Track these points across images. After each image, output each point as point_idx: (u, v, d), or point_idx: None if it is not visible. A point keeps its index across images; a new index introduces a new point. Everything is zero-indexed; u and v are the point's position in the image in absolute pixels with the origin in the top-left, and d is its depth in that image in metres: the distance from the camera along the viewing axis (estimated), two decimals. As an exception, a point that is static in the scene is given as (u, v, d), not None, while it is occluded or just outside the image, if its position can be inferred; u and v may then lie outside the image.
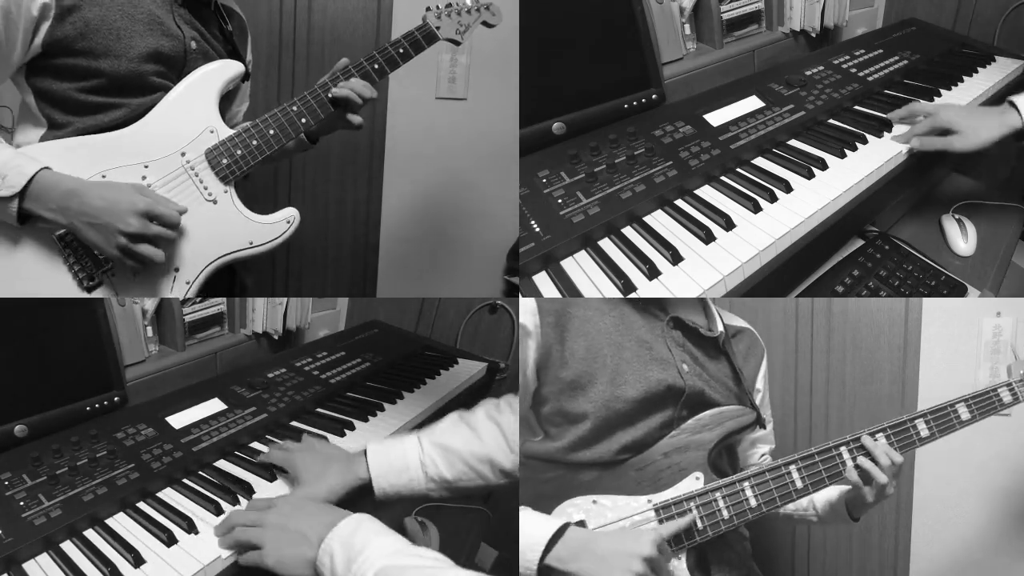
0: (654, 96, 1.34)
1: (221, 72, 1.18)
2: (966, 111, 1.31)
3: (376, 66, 1.21)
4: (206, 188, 1.13)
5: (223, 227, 1.14)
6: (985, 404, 1.04)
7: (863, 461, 0.98)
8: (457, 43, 1.28)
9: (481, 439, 1.03)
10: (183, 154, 1.13)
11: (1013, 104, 1.21)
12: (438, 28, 1.25)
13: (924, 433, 1.02)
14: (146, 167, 1.11)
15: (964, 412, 1.03)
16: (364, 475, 1.03)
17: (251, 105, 1.41)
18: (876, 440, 0.99)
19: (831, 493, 1.09)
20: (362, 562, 0.76)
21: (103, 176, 1.09)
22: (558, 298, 0.99)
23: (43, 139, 1.12)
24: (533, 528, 0.87)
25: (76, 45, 1.06)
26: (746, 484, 0.96)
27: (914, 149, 1.24)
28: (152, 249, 1.05)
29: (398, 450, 1.04)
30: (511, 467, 1.02)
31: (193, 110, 1.15)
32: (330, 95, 1.19)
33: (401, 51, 1.22)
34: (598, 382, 0.97)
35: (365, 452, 1.05)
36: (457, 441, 1.03)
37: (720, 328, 1.07)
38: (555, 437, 0.98)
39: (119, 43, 1.08)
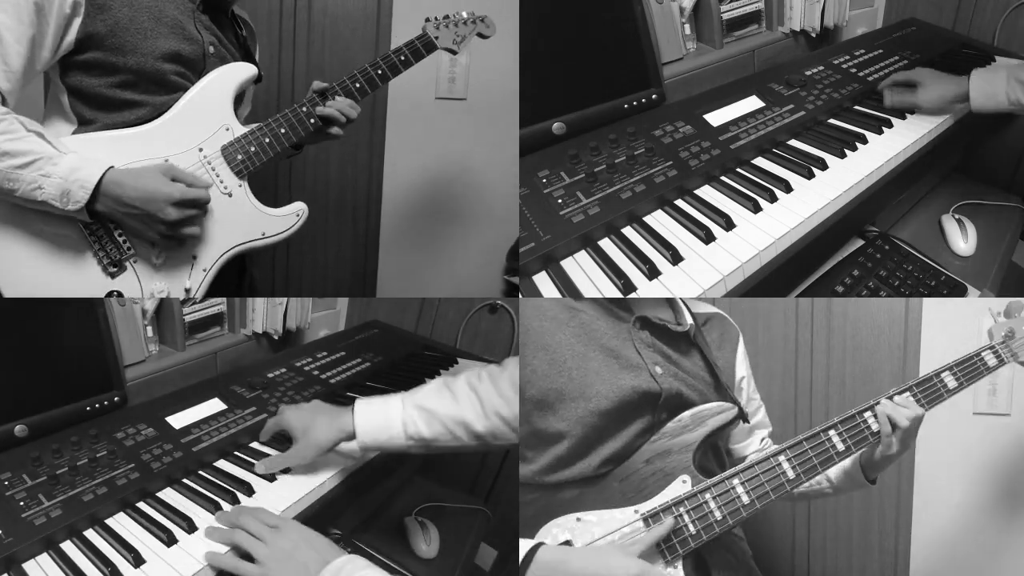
0: (654, 96, 1.34)
1: (236, 74, 1.24)
2: (934, 72, 1.40)
3: (379, 72, 1.28)
4: (222, 182, 1.20)
5: (238, 219, 1.21)
6: (970, 370, 1.02)
7: (887, 409, 0.98)
8: (454, 52, 1.35)
9: (458, 403, 1.08)
10: (200, 149, 1.19)
11: (968, 74, 1.30)
12: (436, 38, 1.32)
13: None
14: (166, 161, 1.16)
15: (951, 380, 1.02)
16: (350, 428, 1.11)
17: (252, 107, 1.43)
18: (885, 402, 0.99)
19: (844, 461, 1.04)
20: None
21: (127, 167, 1.14)
22: (524, 305, 0.98)
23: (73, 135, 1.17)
24: None
25: (107, 42, 1.13)
26: (735, 481, 0.93)
27: (886, 104, 1.38)
28: (191, 228, 1.14)
29: (382, 408, 1.12)
30: (483, 431, 1.06)
31: (210, 109, 1.21)
32: (317, 112, 1.25)
33: (402, 58, 1.29)
34: (567, 397, 0.94)
35: (352, 408, 1.12)
36: (437, 404, 1.09)
37: (689, 321, 1.05)
38: (531, 460, 0.95)
39: (145, 42, 1.15)
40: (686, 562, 0.91)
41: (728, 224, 1.06)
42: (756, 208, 1.09)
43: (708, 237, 1.04)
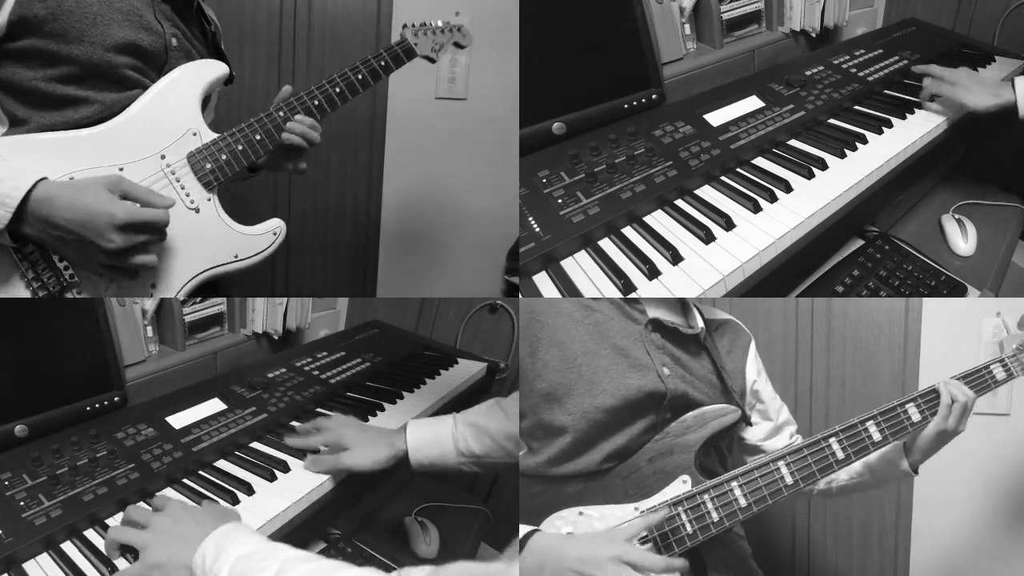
0: (654, 96, 1.34)
1: (206, 72, 1.12)
2: (975, 76, 1.37)
3: (359, 77, 1.19)
4: (188, 195, 1.06)
5: (206, 238, 1.06)
6: (979, 382, 1.03)
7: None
8: (432, 60, 1.30)
9: (510, 419, 1.07)
10: (163, 157, 1.04)
11: (1012, 83, 1.26)
12: (416, 44, 1.26)
13: (916, 418, 1.01)
14: (121, 170, 1.00)
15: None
16: (403, 447, 1.12)
17: (248, 107, 1.39)
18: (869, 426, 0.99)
19: (884, 450, 1.04)
20: (225, 557, 0.82)
21: (71, 179, 0.98)
22: (527, 304, 0.99)
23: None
24: None
25: (46, 27, 0.97)
26: (734, 484, 0.95)
27: (923, 95, 1.37)
28: (144, 257, 0.96)
29: (433, 427, 1.13)
30: None
31: (175, 110, 1.07)
32: (283, 136, 1.14)
33: (383, 64, 1.22)
34: (574, 393, 0.95)
35: (405, 428, 1.13)
36: (488, 421, 1.10)
37: (700, 324, 1.06)
38: (537, 451, 0.97)
39: (94, 29, 0.99)
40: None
41: (728, 224, 1.06)
42: (756, 208, 1.09)
43: (708, 237, 1.04)
